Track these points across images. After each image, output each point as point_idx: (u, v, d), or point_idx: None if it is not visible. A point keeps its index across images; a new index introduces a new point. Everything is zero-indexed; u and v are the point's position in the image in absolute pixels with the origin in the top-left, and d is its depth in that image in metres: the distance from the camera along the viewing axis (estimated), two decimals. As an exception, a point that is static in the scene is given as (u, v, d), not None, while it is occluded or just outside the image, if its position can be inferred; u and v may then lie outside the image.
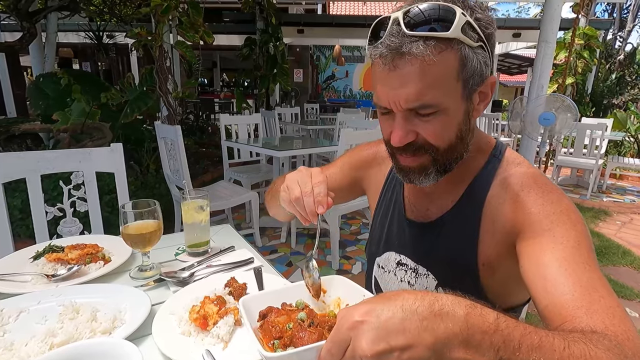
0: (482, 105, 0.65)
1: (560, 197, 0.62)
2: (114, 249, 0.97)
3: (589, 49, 7.74)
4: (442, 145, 0.63)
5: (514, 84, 17.68)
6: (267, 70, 6.76)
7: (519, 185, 0.65)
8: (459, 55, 0.57)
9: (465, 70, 0.58)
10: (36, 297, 0.74)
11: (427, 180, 0.67)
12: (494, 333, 0.37)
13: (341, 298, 0.65)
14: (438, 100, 0.58)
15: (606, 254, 3.06)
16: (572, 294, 0.50)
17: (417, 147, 0.63)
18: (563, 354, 0.37)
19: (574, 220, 0.58)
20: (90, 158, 1.45)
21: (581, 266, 0.53)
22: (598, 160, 4.71)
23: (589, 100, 8.17)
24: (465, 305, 0.38)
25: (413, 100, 0.57)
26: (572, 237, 0.56)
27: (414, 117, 0.61)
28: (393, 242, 0.83)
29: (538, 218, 0.60)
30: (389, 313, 0.37)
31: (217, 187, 2.93)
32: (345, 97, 12.74)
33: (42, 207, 1.35)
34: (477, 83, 0.61)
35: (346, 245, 3.11)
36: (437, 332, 0.36)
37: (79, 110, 3.29)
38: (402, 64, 0.56)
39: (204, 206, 0.99)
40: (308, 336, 0.49)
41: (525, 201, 0.63)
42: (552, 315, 0.51)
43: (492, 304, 0.70)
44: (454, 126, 0.62)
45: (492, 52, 0.62)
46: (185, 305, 0.73)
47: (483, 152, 0.72)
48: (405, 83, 0.57)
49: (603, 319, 0.46)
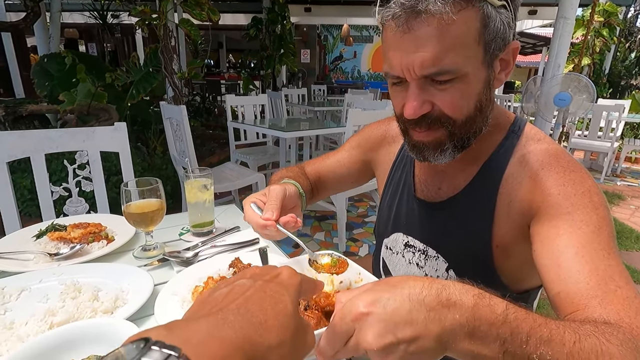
0: (503, 74, 0.60)
1: (583, 178, 0.57)
2: (118, 228, 0.96)
3: (608, 26, 7.41)
4: (459, 117, 0.58)
5: (527, 65, 17.14)
6: (274, 51, 6.63)
7: (538, 163, 0.60)
8: (481, 14, 0.52)
9: (487, 31, 0.53)
10: (38, 276, 0.73)
11: (442, 157, 0.62)
12: (501, 325, 0.35)
13: (334, 276, 0.62)
14: (457, 65, 0.53)
15: (619, 238, 3.00)
16: (587, 283, 0.47)
17: (432, 120, 0.58)
18: (573, 348, 0.35)
19: (596, 204, 0.53)
20: (94, 137, 1.43)
21: (599, 253, 0.49)
22: (614, 143, 4.57)
23: (606, 80, 7.89)
24: (473, 294, 0.36)
25: (429, 66, 0.52)
26: (592, 221, 0.52)
27: (429, 86, 0.56)
28: (401, 222, 0.80)
29: (557, 200, 0.55)
30: (395, 303, 0.35)
31: (224, 168, 2.92)
32: (353, 78, 12.49)
33: (48, 186, 1.34)
34: (499, 47, 0.55)
35: (353, 227, 3.09)
36: (443, 323, 0.34)
37: (84, 91, 3.27)
38: (417, 25, 0.51)
39: (207, 185, 0.96)
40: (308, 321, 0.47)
41: (544, 181, 0.58)
42: (564, 304, 0.48)
43: (505, 288, 0.67)
44: (473, 96, 0.57)
45: (515, 12, 0.56)
46: (189, 286, 0.71)
47: (501, 127, 0.67)
48: (421, 46, 0.52)
49: (618, 310, 0.43)
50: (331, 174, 0.93)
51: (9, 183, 1.26)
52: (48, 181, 1.34)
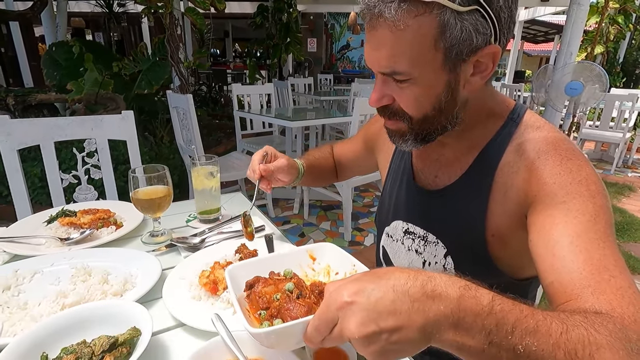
0: (478, 77, 0.57)
1: (580, 166, 0.55)
2: (126, 214, 0.97)
3: (624, 13, 7.19)
4: (415, 115, 0.60)
5: (538, 54, 16.76)
6: (280, 40, 6.57)
7: (535, 151, 0.59)
8: (438, 21, 0.50)
9: (444, 37, 0.51)
10: (50, 260, 0.75)
11: (406, 145, 0.66)
12: (487, 316, 0.35)
13: (331, 266, 0.63)
14: (408, 69, 0.54)
15: (628, 230, 2.97)
16: (580, 273, 0.46)
17: (392, 112, 0.62)
18: (560, 339, 0.35)
19: (593, 192, 0.52)
20: (102, 125, 1.44)
21: (595, 243, 0.48)
22: (625, 134, 4.48)
23: (620, 69, 7.69)
24: (459, 286, 0.36)
25: (384, 66, 0.56)
26: (588, 210, 0.51)
27: (391, 81, 0.58)
28: (401, 210, 0.80)
29: (553, 189, 0.54)
30: (379, 294, 0.35)
31: (230, 157, 2.93)
32: (360, 67, 12.34)
33: (57, 174, 1.36)
34: (465, 53, 0.53)
35: (359, 217, 3.10)
36: (427, 314, 0.35)
37: (92, 80, 3.29)
38: (377, 26, 0.53)
39: (213, 172, 0.97)
40: (296, 309, 0.47)
41: (540, 170, 0.57)
42: (557, 293, 0.47)
43: (503, 275, 0.67)
44: (430, 97, 0.58)
45: (498, 16, 0.52)
46: (196, 271, 0.72)
47: (499, 115, 0.66)
48: (379, 45, 0.55)
49: (610, 300, 0.43)
50: (347, 160, 1.05)
51: (20, 170, 1.29)
52: (58, 169, 1.36)
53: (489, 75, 0.58)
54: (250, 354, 0.51)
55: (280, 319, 0.48)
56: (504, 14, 0.53)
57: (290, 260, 0.62)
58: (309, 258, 0.65)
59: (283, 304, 0.49)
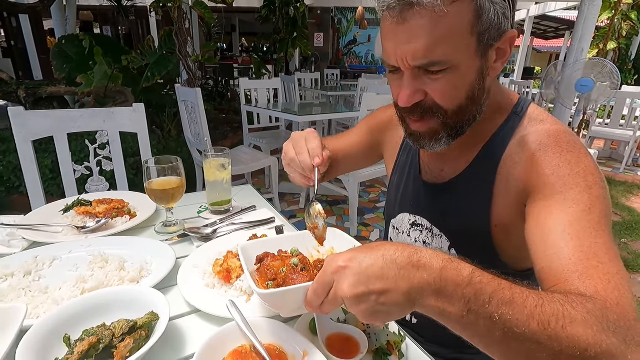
0: (499, 63, 0.59)
1: (579, 157, 0.56)
2: (139, 204, 0.99)
3: (637, 9, 7.06)
4: (451, 107, 0.59)
5: (548, 50, 16.53)
6: (287, 34, 6.55)
7: (536, 144, 0.60)
8: (474, 6, 0.51)
9: (480, 22, 0.52)
10: (67, 247, 0.77)
11: (438, 146, 0.64)
12: (466, 286, 0.38)
13: (334, 249, 0.67)
14: (448, 57, 0.53)
15: (636, 228, 2.94)
16: (570, 259, 0.47)
17: (425, 110, 0.60)
18: (534, 310, 0.38)
19: (590, 183, 0.53)
20: (114, 117, 1.46)
21: (587, 231, 0.49)
22: (636, 132, 4.42)
23: (632, 66, 7.56)
24: (442, 259, 0.40)
25: (421, 57, 0.53)
26: (584, 200, 0.52)
27: (422, 75, 0.57)
28: (407, 203, 0.82)
29: (551, 180, 0.56)
30: (370, 261, 0.39)
31: (237, 152, 2.95)
32: (367, 63, 12.27)
33: (70, 165, 1.39)
34: (493, 38, 0.55)
35: (365, 212, 3.11)
36: (412, 281, 0.38)
37: (101, 74, 3.32)
38: (410, 17, 0.52)
39: (225, 165, 0.98)
40: (300, 279, 0.52)
41: (540, 162, 0.58)
42: (546, 277, 0.49)
43: (505, 266, 0.68)
44: (465, 86, 0.57)
45: (514, 2, 0.55)
46: (209, 259, 0.74)
47: (503, 109, 0.67)
48: (413, 38, 0.53)
49: (595, 284, 0.44)
50: (343, 154, 0.94)
51: (34, 161, 1.31)
52: (71, 160, 1.39)
53: (506, 62, 0.60)
54: (265, 340, 0.53)
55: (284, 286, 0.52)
56: (516, 1, 0.56)
57: (297, 242, 0.66)
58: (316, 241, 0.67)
59: (288, 275, 0.53)
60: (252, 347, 0.52)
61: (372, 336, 0.56)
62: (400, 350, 0.55)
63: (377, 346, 0.55)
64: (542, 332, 0.37)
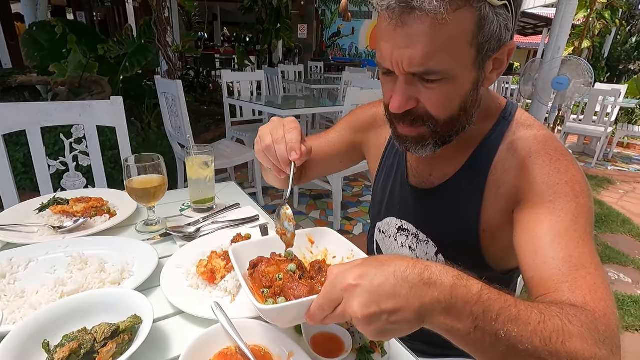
0: (495, 74, 0.59)
1: (568, 166, 0.59)
2: (119, 203, 0.97)
3: (611, 8, 7.31)
4: (442, 117, 0.58)
5: (527, 46, 16.88)
6: (270, 25, 6.45)
7: (526, 150, 0.62)
8: (477, 16, 0.50)
9: (482, 33, 0.51)
10: (44, 248, 0.75)
11: (423, 151, 0.63)
12: (475, 304, 0.38)
13: (328, 250, 0.66)
14: (446, 67, 0.52)
15: (606, 221, 3.09)
16: (559, 269, 0.50)
17: (415, 117, 0.58)
18: (537, 327, 0.39)
19: (577, 192, 0.56)
20: (91, 111, 1.41)
21: (575, 241, 0.52)
22: (607, 128, 4.61)
23: (605, 64, 7.85)
24: (452, 275, 0.40)
25: (418, 65, 0.52)
26: (571, 210, 0.54)
27: (417, 82, 0.55)
28: (394, 207, 0.81)
29: (541, 188, 0.58)
30: (381, 278, 0.38)
31: (220, 145, 2.90)
32: (351, 55, 12.24)
33: (45, 160, 1.33)
34: (493, 49, 0.54)
35: (348, 206, 3.13)
36: (423, 299, 0.38)
37: (75, 62, 3.18)
38: (410, 21, 0.49)
39: (208, 162, 0.97)
40: (299, 289, 0.50)
41: (531, 169, 0.60)
42: (537, 287, 0.51)
43: (490, 269, 0.70)
44: (459, 97, 0.56)
45: (517, 13, 0.54)
46: (193, 259, 0.73)
47: (492, 114, 0.67)
48: (411, 43, 0.50)
49: (584, 295, 0.47)
50: (321, 154, 0.90)
51: (5, 156, 1.25)
52: (45, 155, 1.33)
53: (502, 72, 0.59)
54: (250, 341, 0.53)
55: (284, 297, 0.51)
56: (519, 11, 0.55)
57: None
58: (308, 241, 0.67)
59: (286, 284, 0.52)
60: (238, 349, 0.52)
61: (356, 335, 0.58)
62: (383, 347, 0.57)
63: (360, 344, 0.57)
64: (544, 348, 0.38)
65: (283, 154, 0.62)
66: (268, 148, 0.63)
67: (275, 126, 0.65)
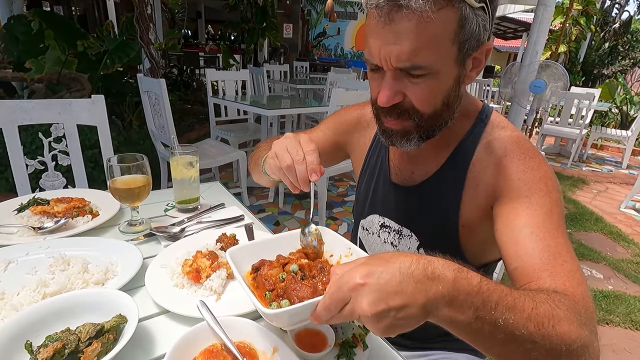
0: (474, 72, 0.63)
1: (540, 164, 0.64)
2: (102, 203, 0.96)
3: (586, 15, 7.59)
4: (427, 111, 0.61)
5: (507, 49, 17.34)
6: (256, 23, 6.42)
7: (502, 150, 0.67)
8: (459, 15, 0.54)
9: (463, 31, 0.55)
10: (24, 249, 0.73)
11: (408, 145, 0.66)
12: (476, 294, 0.40)
13: (326, 248, 0.66)
14: (431, 62, 0.56)
15: (580, 220, 3.22)
16: (540, 259, 0.54)
17: (402, 111, 0.62)
18: (531, 313, 0.42)
19: (550, 188, 0.61)
20: (71, 110, 1.39)
21: (551, 232, 0.56)
22: (582, 130, 4.80)
23: (580, 69, 8.15)
24: (453, 269, 0.41)
25: (404, 60, 0.55)
26: (546, 204, 0.59)
27: (403, 77, 0.58)
28: (377, 205, 0.84)
29: (517, 185, 0.62)
30: (388, 276, 0.39)
31: (204, 145, 2.88)
32: (336, 56, 12.29)
33: (22, 159, 1.30)
34: (472, 47, 0.58)
35: (333, 206, 3.16)
36: (428, 293, 0.39)
37: (53, 59, 3.09)
38: (398, 18, 0.53)
39: (193, 162, 0.97)
40: (303, 290, 0.50)
41: (507, 167, 0.64)
42: (520, 276, 0.55)
43: (468, 263, 0.74)
44: (442, 92, 0.61)
45: (493, 15, 0.59)
46: (178, 259, 0.74)
47: (470, 115, 0.72)
48: (399, 39, 0.54)
49: (564, 281, 0.51)
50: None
51: (-20, 155, 1.22)
52: (22, 154, 1.30)
53: (481, 71, 0.64)
54: (236, 338, 0.54)
55: (287, 299, 0.50)
56: (495, 13, 0.59)
57: (286, 243, 0.65)
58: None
59: (289, 285, 0.52)
60: (223, 346, 0.53)
61: (339, 330, 0.60)
62: (365, 341, 0.59)
63: (343, 339, 0.59)
64: (538, 332, 0.41)
65: (303, 174, 0.63)
66: (289, 168, 0.64)
67: (293, 145, 0.65)
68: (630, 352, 1.79)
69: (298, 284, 0.51)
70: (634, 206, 3.70)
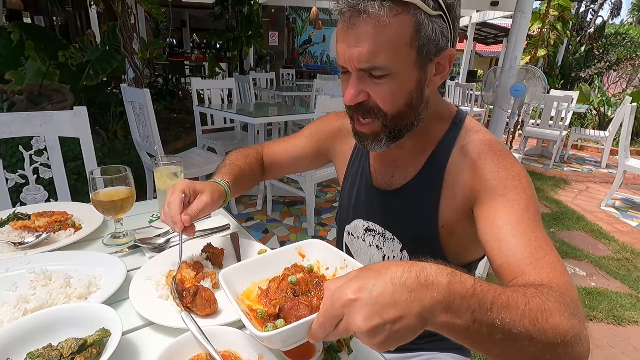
0: (438, 78, 0.67)
1: (512, 163, 0.67)
2: (85, 216, 0.95)
3: (562, 20, 7.86)
4: (390, 111, 0.65)
5: (489, 55, 17.79)
6: (241, 32, 6.43)
7: (476, 153, 0.69)
8: (414, 21, 0.58)
9: (419, 36, 0.59)
10: (4, 265, 0.72)
11: (379, 146, 0.70)
12: (471, 297, 0.40)
13: (320, 261, 0.67)
14: (389, 64, 0.59)
15: (562, 219, 3.30)
16: (523, 253, 0.56)
17: (367, 109, 0.66)
18: (525, 309, 0.42)
19: (524, 185, 0.64)
20: (52, 122, 1.37)
21: (530, 227, 0.59)
22: (562, 132, 4.94)
23: (559, 72, 8.41)
24: (447, 274, 0.41)
25: (365, 61, 0.59)
26: (522, 200, 0.62)
27: (367, 78, 0.62)
28: (361, 210, 0.86)
29: (493, 184, 0.65)
30: (380, 288, 0.38)
31: (191, 154, 2.86)
32: (322, 63, 12.41)
33: (2, 173, 1.28)
34: (432, 53, 0.62)
35: (322, 212, 3.17)
36: (424, 302, 0.38)
37: (34, 70, 3.04)
38: (358, 23, 0.58)
39: (177, 173, 0.97)
40: (301, 309, 0.50)
41: (482, 168, 0.67)
42: (506, 272, 0.57)
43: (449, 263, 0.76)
44: (404, 93, 0.64)
45: (453, 24, 0.63)
46: (163, 271, 0.73)
47: (445, 120, 0.75)
48: (359, 42, 0.58)
49: (548, 273, 0.53)
50: (289, 157, 1.01)
51: (-42, 170, 1.19)
52: (2, 168, 1.28)
53: (447, 76, 0.67)
54: (221, 347, 0.55)
55: (283, 319, 0.50)
56: (457, 23, 0.63)
57: (279, 259, 0.65)
58: (299, 255, 0.67)
59: (285, 304, 0.51)
60: (208, 356, 0.53)
61: (324, 336, 0.60)
62: (350, 346, 0.60)
63: (328, 344, 0.59)
64: (533, 328, 0.41)
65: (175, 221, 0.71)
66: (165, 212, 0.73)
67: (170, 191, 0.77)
68: (614, 347, 1.83)
69: (294, 301, 0.51)
70: (614, 204, 3.82)
